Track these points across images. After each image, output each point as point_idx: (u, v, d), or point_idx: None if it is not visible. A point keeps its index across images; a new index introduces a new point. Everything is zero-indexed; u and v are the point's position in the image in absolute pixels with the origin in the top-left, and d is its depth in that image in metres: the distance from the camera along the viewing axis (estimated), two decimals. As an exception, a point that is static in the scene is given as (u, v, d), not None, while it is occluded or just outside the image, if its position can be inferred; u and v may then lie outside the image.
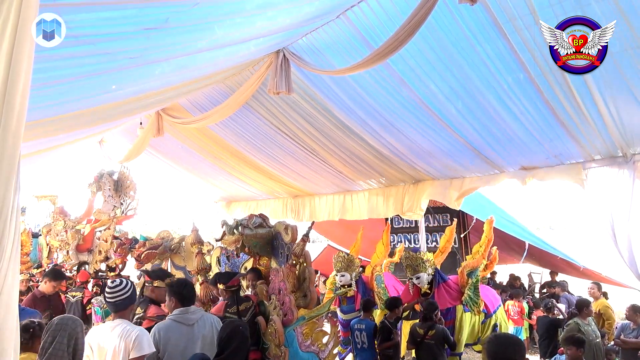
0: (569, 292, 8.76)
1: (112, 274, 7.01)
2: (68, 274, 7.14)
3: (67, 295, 6.41)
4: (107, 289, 3.03)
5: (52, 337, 2.46)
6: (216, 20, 2.69)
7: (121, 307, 2.98)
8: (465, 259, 6.38)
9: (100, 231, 7.79)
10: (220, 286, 4.18)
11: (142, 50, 2.76)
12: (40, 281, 5.56)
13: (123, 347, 2.78)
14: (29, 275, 7.29)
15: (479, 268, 5.57)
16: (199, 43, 2.97)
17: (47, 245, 7.85)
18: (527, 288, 10.19)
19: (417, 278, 5.58)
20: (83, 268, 7.30)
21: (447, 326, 5.15)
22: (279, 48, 4.01)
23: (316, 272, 6.26)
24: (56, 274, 5.46)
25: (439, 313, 4.90)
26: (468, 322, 5.46)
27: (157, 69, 3.31)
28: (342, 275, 5.92)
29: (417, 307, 5.85)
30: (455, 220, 7.64)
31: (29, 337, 2.72)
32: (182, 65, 3.49)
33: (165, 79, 3.83)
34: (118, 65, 2.89)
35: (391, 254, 7.40)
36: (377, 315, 5.86)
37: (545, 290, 9.62)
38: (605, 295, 6.83)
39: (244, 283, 5.02)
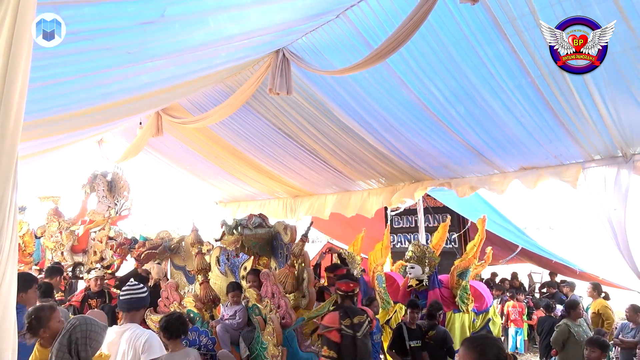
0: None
1: (108, 271, 7.00)
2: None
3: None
4: (124, 287, 3.10)
5: (58, 337, 2.43)
6: (211, 13, 2.68)
7: (134, 306, 3.01)
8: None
9: (95, 232, 7.78)
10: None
11: (140, 45, 2.75)
12: (45, 278, 5.70)
13: (132, 353, 2.75)
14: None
15: (469, 269, 5.57)
16: (196, 36, 2.95)
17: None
18: (527, 288, 10.19)
19: (412, 267, 5.55)
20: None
21: None
22: (278, 47, 4.00)
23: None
24: (54, 269, 5.90)
25: (442, 315, 4.88)
26: (458, 322, 5.46)
27: (155, 65, 3.30)
28: None
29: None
30: (449, 217, 7.60)
31: (28, 323, 2.70)
32: (181, 61, 3.48)
33: (163, 76, 3.82)
34: (116, 60, 2.88)
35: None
36: (380, 315, 5.85)
37: (545, 290, 9.61)
38: (606, 296, 6.82)
39: (244, 283, 5.01)
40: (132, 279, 3.20)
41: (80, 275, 7.65)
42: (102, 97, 3.77)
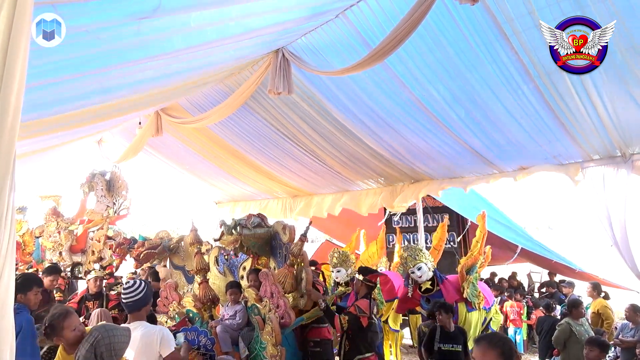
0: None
1: (106, 272, 7.00)
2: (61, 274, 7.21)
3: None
4: (122, 290, 3.11)
5: (82, 343, 2.45)
6: (210, 12, 2.67)
7: (134, 308, 3.01)
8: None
9: (94, 231, 7.77)
10: (360, 277, 4.63)
11: (136, 43, 2.74)
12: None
13: (149, 349, 2.78)
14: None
15: (477, 264, 5.53)
16: (193, 34, 2.94)
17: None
18: (526, 288, 10.18)
19: (419, 269, 5.30)
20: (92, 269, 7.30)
21: None
22: (278, 47, 4.00)
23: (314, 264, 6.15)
24: (52, 269, 5.91)
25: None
26: (474, 321, 5.40)
27: (153, 64, 3.29)
28: (338, 271, 5.90)
29: (417, 308, 5.81)
30: (447, 217, 7.55)
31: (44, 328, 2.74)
32: (180, 60, 3.47)
33: (162, 75, 3.80)
34: (114, 57, 2.87)
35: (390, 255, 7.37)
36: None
37: (544, 290, 9.61)
38: (606, 295, 6.81)
39: (243, 283, 5.01)
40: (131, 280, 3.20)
41: (79, 275, 7.64)
42: (100, 95, 3.77)
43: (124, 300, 3.04)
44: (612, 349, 5.54)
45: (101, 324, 2.57)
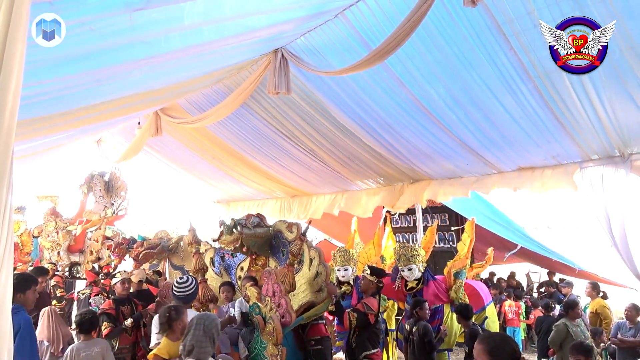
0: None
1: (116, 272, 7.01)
2: (58, 273, 7.21)
3: (78, 294, 6.46)
4: (175, 284, 3.71)
5: (191, 331, 2.80)
6: (208, 11, 2.65)
7: (186, 300, 3.63)
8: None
9: (92, 232, 7.77)
10: (373, 278, 4.78)
11: (135, 43, 2.73)
12: None
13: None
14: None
15: (465, 269, 5.58)
16: (192, 34, 2.93)
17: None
18: (524, 288, 10.19)
19: (409, 269, 5.39)
20: (91, 269, 7.31)
21: (433, 326, 5.14)
22: (277, 47, 3.99)
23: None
24: (38, 270, 5.85)
25: (422, 309, 4.83)
26: (456, 322, 5.44)
27: (152, 64, 3.28)
28: (345, 270, 5.89)
29: (402, 305, 5.84)
30: (437, 220, 7.62)
31: (165, 321, 3.25)
32: (179, 61, 3.46)
33: (161, 75, 3.80)
34: (113, 58, 2.86)
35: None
36: None
37: (543, 290, 9.62)
38: (604, 295, 6.81)
39: (240, 284, 5.00)
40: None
41: (77, 275, 7.63)
42: (99, 95, 3.76)
43: (176, 294, 3.59)
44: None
45: (200, 314, 3.00)
